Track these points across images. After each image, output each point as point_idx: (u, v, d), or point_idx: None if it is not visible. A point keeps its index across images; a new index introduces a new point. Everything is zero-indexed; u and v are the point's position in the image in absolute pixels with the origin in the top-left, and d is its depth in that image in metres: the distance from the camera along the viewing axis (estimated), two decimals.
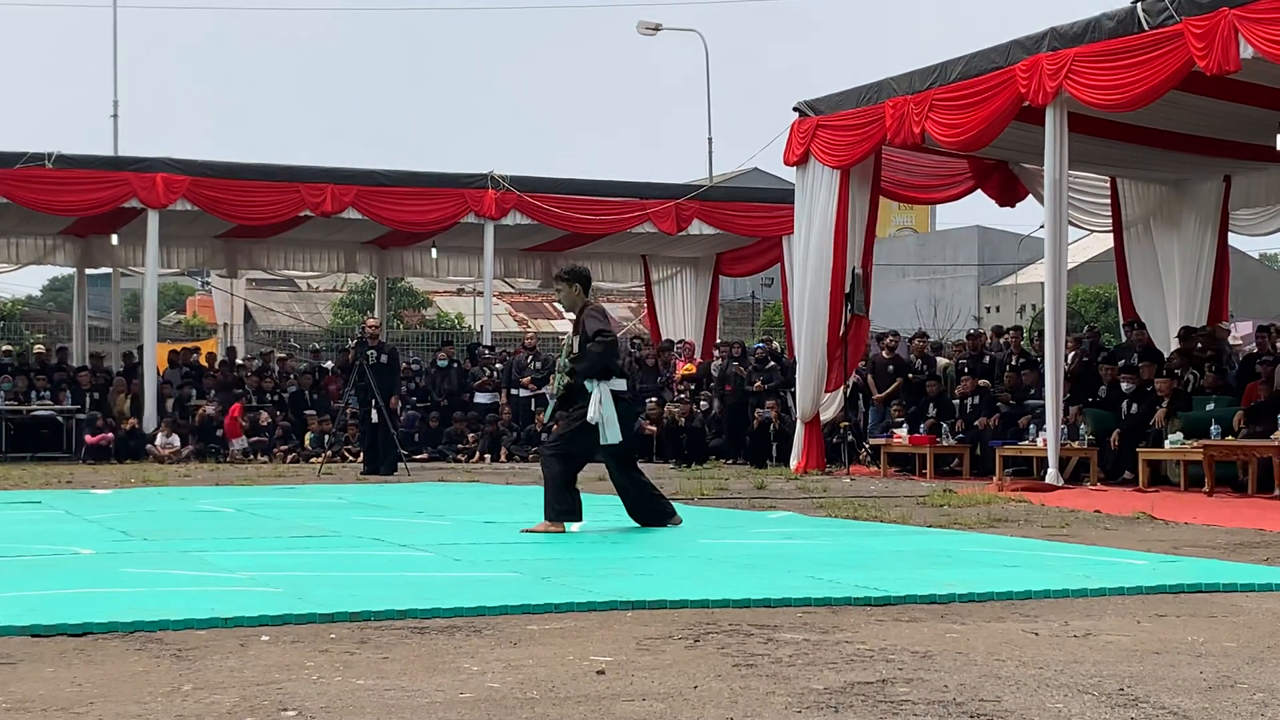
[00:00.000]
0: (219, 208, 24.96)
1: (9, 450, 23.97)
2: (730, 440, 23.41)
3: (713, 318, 30.78)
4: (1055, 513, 12.53)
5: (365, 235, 29.24)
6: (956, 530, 10.79)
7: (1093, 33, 15.69)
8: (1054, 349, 16.39)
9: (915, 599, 6.77)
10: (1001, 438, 18.63)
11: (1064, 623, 6.15)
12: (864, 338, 20.94)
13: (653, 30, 40.48)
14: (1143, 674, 4.98)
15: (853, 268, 19.64)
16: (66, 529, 10.95)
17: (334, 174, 25.85)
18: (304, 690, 4.72)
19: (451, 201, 26.33)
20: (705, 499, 14.54)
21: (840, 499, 14.01)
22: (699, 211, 27.31)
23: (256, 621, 6.05)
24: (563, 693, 4.68)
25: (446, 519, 12.06)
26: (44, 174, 23.80)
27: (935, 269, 56.61)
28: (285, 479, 18.77)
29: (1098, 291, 44.20)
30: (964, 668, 5.10)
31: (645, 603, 6.58)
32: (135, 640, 5.68)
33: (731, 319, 44.17)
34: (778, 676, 4.93)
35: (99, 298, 39.32)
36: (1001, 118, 16.89)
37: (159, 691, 4.71)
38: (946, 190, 22.15)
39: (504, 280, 32.52)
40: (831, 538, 10.29)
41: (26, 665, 5.18)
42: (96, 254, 29.27)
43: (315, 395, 25.78)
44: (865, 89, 19.16)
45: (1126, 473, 16.97)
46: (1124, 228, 21.56)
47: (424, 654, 5.41)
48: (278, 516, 12.22)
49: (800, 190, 20.37)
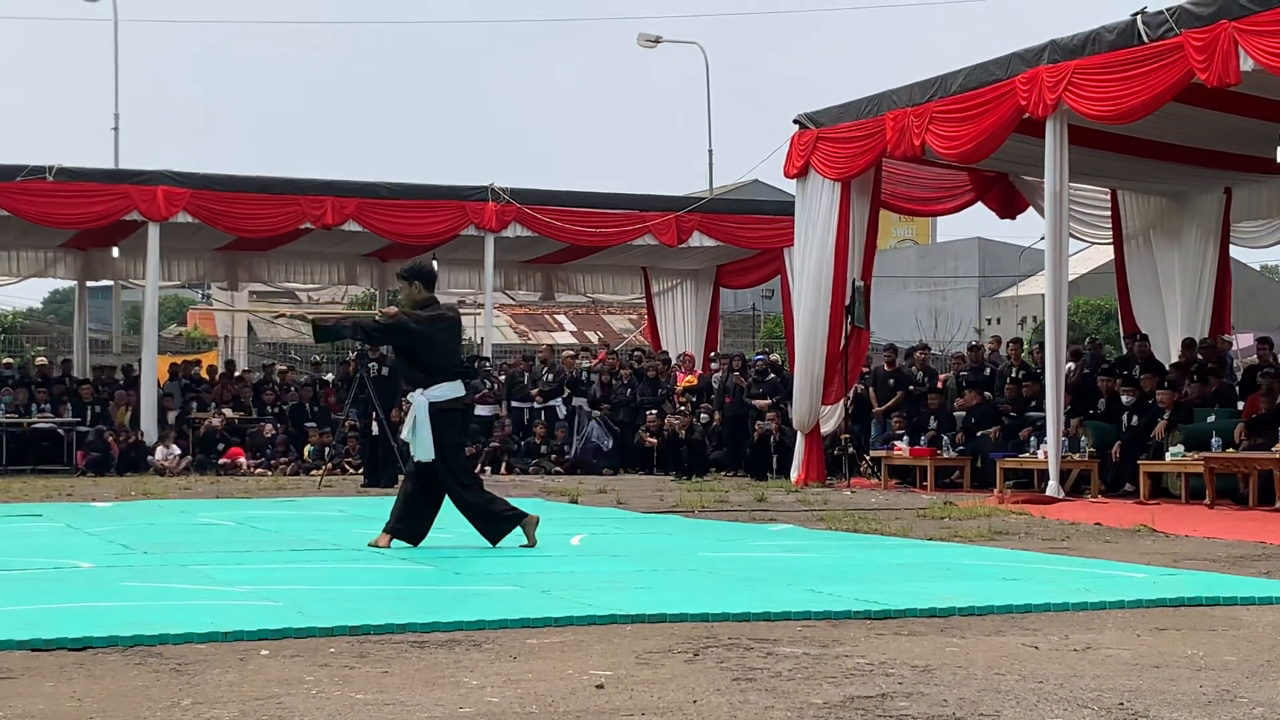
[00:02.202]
0: (220, 220, 24.96)
1: (9, 463, 23.94)
2: (730, 452, 23.40)
3: (713, 330, 30.76)
4: (1056, 525, 12.52)
5: (366, 248, 29.24)
6: (957, 543, 10.79)
7: (1093, 45, 15.71)
8: (1055, 361, 16.39)
9: (915, 612, 6.77)
10: (1002, 450, 18.62)
11: (1064, 636, 6.14)
12: (864, 350, 20.95)
13: (653, 43, 40.56)
14: (1142, 688, 4.98)
15: (853, 280, 19.64)
16: (67, 542, 10.95)
17: (334, 187, 25.85)
18: (303, 705, 4.72)
19: (452, 214, 26.33)
20: (705, 511, 14.54)
21: (841, 511, 14.00)
22: (699, 223, 27.30)
23: (256, 636, 6.06)
24: (562, 707, 4.68)
25: (446, 532, 12.03)
26: (45, 187, 23.80)
27: (936, 281, 56.66)
28: (285, 491, 18.76)
29: (1099, 303, 44.20)
30: (964, 682, 5.10)
31: (645, 616, 6.58)
32: (135, 654, 5.68)
33: (732, 331, 44.17)
34: (777, 691, 4.93)
35: (100, 310, 39.33)
36: (1001, 130, 16.91)
37: (159, 706, 4.71)
38: (947, 202, 22.17)
39: (504, 292, 32.51)
40: (832, 551, 10.30)
41: (26, 680, 5.18)
42: (97, 267, 29.27)
43: (316, 408, 25.78)
44: (865, 101, 19.17)
45: (1127, 485, 16.96)
46: (1124, 240, 21.56)
47: (423, 668, 5.41)
48: (278, 530, 12.22)
49: (801, 202, 20.38)
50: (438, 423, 10.00)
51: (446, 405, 10.08)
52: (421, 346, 10.19)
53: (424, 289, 10.43)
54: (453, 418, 10.20)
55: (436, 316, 10.32)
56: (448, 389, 10.12)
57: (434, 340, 10.20)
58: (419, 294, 10.41)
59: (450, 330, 10.45)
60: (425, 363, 10.16)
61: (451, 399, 10.14)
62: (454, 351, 10.51)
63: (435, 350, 10.19)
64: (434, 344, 10.19)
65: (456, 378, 10.31)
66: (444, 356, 10.24)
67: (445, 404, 10.07)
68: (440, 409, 10.04)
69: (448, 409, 10.10)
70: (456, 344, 10.65)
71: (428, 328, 10.20)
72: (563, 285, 32.33)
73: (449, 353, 10.34)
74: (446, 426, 10.06)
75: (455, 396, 10.20)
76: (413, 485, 10.25)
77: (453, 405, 10.16)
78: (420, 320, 10.22)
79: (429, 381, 10.11)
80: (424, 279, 10.51)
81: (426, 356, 10.17)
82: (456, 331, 10.68)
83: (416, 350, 10.22)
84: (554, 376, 26.02)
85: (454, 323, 10.61)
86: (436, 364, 10.16)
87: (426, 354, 10.17)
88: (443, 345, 10.27)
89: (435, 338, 10.21)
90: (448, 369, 10.22)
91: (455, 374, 10.31)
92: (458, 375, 10.36)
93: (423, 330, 10.17)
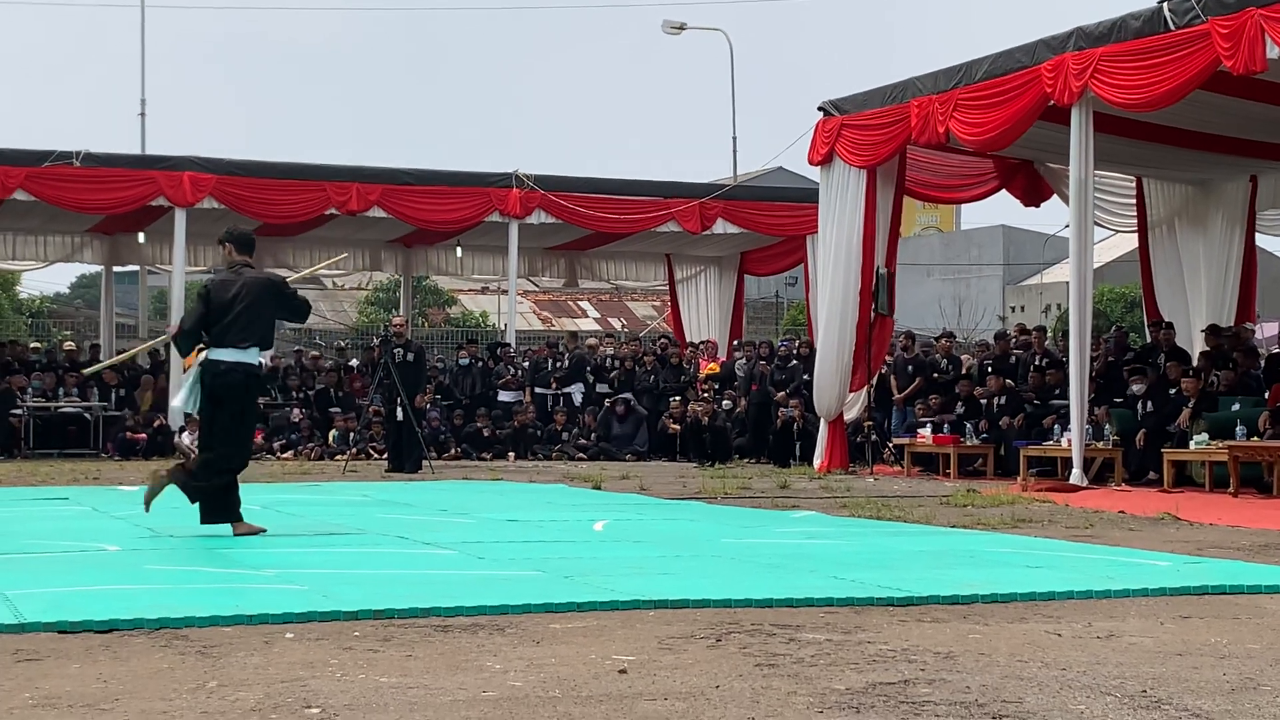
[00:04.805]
0: (245, 206, 25.04)
1: (37, 446, 24.07)
2: (754, 439, 23.40)
3: (737, 317, 30.75)
4: (1079, 513, 12.50)
5: (390, 234, 29.31)
6: (980, 531, 10.78)
7: (1119, 32, 15.65)
8: (1079, 349, 16.34)
9: (938, 599, 6.77)
10: (1026, 438, 18.59)
11: (1087, 624, 6.14)
12: (888, 337, 20.93)
13: (677, 29, 40.50)
14: (1166, 676, 4.98)
15: (877, 267, 19.62)
16: (93, 525, 11.00)
17: (360, 173, 25.93)
18: (328, 688, 4.74)
19: (476, 200, 26.37)
20: (728, 498, 14.55)
21: (863, 499, 14.00)
22: (723, 211, 27.30)
23: (281, 619, 6.09)
24: (585, 691, 4.69)
25: (470, 517, 12.09)
26: (72, 172, 23.90)
27: (960, 268, 56.52)
28: (310, 476, 18.83)
29: (1123, 291, 44.08)
30: (986, 669, 5.10)
31: (667, 602, 6.59)
32: (160, 637, 5.71)
33: (756, 318, 44.15)
34: (799, 676, 4.94)
35: (126, 295, 39.51)
36: (1026, 117, 16.86)
37: (184, 688, 4.73)
38: (971, 190, 22.11)
39: (528, 279, 32.55)
40: (854, 537, 10.29)
41: (52, 661, 5.22)
42: (124, 252, 29.38)
43: (340, 393, 25.85)
44: (890, 88, 19.13)
45: (1151, 473, 16.93)
46: (1149, 228, 21.49)
47: (447, 652, 5.43)
48: (303, 514, 12.27)
49: (825, 190, 20.34)
50: (205, 380, 9.92)
51: (226, 369, 9.91)
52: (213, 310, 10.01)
53: (236, 252, 10.32)
54: (228, 382, 9.95)
55: (223, 282, 10.14)
56: (226, 353, 9.93)
57: (219, 303, 9.99)
58: (230, 256, 10.33)
59: (244, 294, 10.01)
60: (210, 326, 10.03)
61: (232, 363, 9.93)
62: (244, 315, 9.99)
63: (219, 312, 9.97)
64: (220, 307, 9.98)
65: (245, 345, 10.02)
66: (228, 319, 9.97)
67: (225, 367, 9.91)
68: (215, 371, 9.91)
69: (225, 373, 9.91)
70: (251, 308, 10.04)
71: (218, 292, 10.03)
72: (586, 272, 32.34)
73: (236, 317, 9.96)
74: (219, 389, 9.91)
75: (235, 362, 9.96)
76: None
77: (231, 370, 9.93)
78: (209, 286, 10.16)
79: (215, 342, 9.97)
80: (237, 243, 10.37)
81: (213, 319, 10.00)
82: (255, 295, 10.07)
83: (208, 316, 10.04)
84: (570, 362, 26.04)
85: (251, 284, 10.10)
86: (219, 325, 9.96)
87: (213, 317, 9.99)
88: (228, 308, 9.96)
89: (220, 300, 9.99)
90: (231, 331, 9.95)
91: (242, 339, 9.99)
92: (248, 343, 10.03)
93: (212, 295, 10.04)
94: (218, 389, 9.96)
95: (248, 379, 10.06)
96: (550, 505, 13.47)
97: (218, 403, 10.00)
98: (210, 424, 10.12)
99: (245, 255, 10.35)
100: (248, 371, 10.04)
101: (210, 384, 9.96)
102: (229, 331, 9.97)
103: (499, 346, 27.55)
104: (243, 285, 10.05)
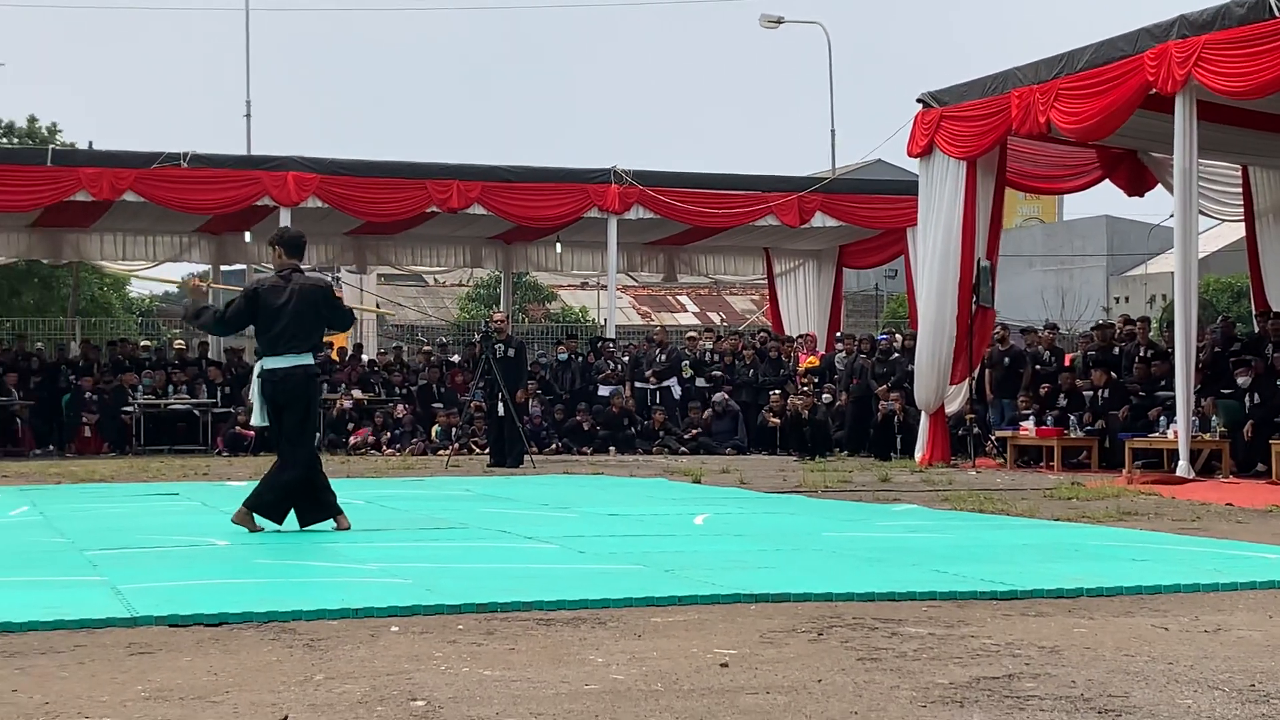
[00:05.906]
0: (348, 205, 25.32)
1: (147, 443, 24.52)
2: (854, 432, 23.28)
3: (836, 310, 30.59)
4: (1186, 506, 12.33)
5: (491, 231, 29.49)
6: (1085, 524, 10.67)
7: (1222, 20, 15.43)
8: (1184, 340, 16.12)
9: (1042, 593, 6.72)
10: (1131, 430, 18.36)
11: (1194, 618, 6.07)
12: (990, 329, 20.76)
13: (775, 23, 40.34)
14: (1274, 670, 4.91)
15: (978, 259, 19.47)
16: (202, 520, 11.18)
17: (460, 170, 26.09)
18: (432, 680, 4.80)
19: (575, 197, 26.47)
20: (828, 491, 14.50)
21: (965, 492, 13.90)
22: (822, 204, 27.18)
23: (386, 612, 6.16)
24: (686, 685, 4.71)
25: (571, 511, 12.14)
26: (180, 173, 24.29)
27: (1063, 259, 55.85)
28: (413, 471, 19.00)
29: (1230, 281, 43.34)
30: (1092, 663, 5.06)
31: (768, 596, 6.60)
32: (269, 630, 5.81)
33: (855, 311, 43.91)
34: (902, 671, 4.93)
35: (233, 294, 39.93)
36: (1126, 105, 16.65)
37: (292, 681, 4.81)
38: (1074, 180, 21.86)
39: (627, 274, 32.62)
40: (956, 531, 10.23)
41: (164, 654, 5.32)
42: (230, 251, 29.82)
43: (442, 389, 26.06)
44: (990, 79, 18.98)
45: (1259, 465, 16.66)
46: (1256, 217, 21.14)
47: (549, 645, 5.47)
48: (406, 508, 12.39)
49: (924, 182, 20.22)
50: (267, 392, 9.98)
51: (283, 375, 9.92)
52: (261, 316, 10.04)
53: (286, 255, 10.31)
54: (289, 388, 9.97)
55: (272, 287, 10.11)
56: (282, 360, 9.93)
57: (269, 309, 9.99)
58: (281, 260, 10.32)
59: (294, 301, 9.97)
60: (261, 333, 10.09)
61: (288, 368, 9.94)
62: (293, 323, 9.98)
63: (268, 319, 9.99)
64: (270, 313, 9.99)
65: (300, 350, 10.03)
66: (279, 326, 9.97)
67: (282, 373, 9.92)
68: (274, 379, 9.95)
69: (284, 379, 9.93)
70: (301, 315, 10.01)
71: (268, 297, 10.02)
72: (685, 266, 32.35)
73: (288, 324, 9.96)
74: (280, 396, 9.95)
75: (292, 366, 9.96)
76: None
77: (289, 375, 9.95)
78: (258, 289, 10.14)
79: (268, 351, 10.01)
80: (287, 246, 10.36)
81: (263, 326, 10.04)
82: (305, 303, 10.02)
83: (256, 321, 10.12)
84: (667, 357, 26.07)
85: (302, 291, 10.04)
86: (271, 334, 9.98)
87: (263, 324, 10.03)
88: (277, 315, 9.97)
89: (270, 306, 9.99)
90: (283, 339, 9.95)
91: (294, 346, 10.00)
92: (302, 349, 10.04)
93: (262, 299, 10.03)
94: (279, 396, 10.03)
95: (307, 378, 10.13)
96: (651, 499, 13.50)
97: (283, 408, 10.06)
98: (279, 430, 10.20)
99: (295, 259, 10.40)
100: (307, 371, 10.11)
101: (272, 393, 10.04)
102: (280, 340, 10.01)
103: (599, 341, 27.63)
104: (292, 292, 10.05)
